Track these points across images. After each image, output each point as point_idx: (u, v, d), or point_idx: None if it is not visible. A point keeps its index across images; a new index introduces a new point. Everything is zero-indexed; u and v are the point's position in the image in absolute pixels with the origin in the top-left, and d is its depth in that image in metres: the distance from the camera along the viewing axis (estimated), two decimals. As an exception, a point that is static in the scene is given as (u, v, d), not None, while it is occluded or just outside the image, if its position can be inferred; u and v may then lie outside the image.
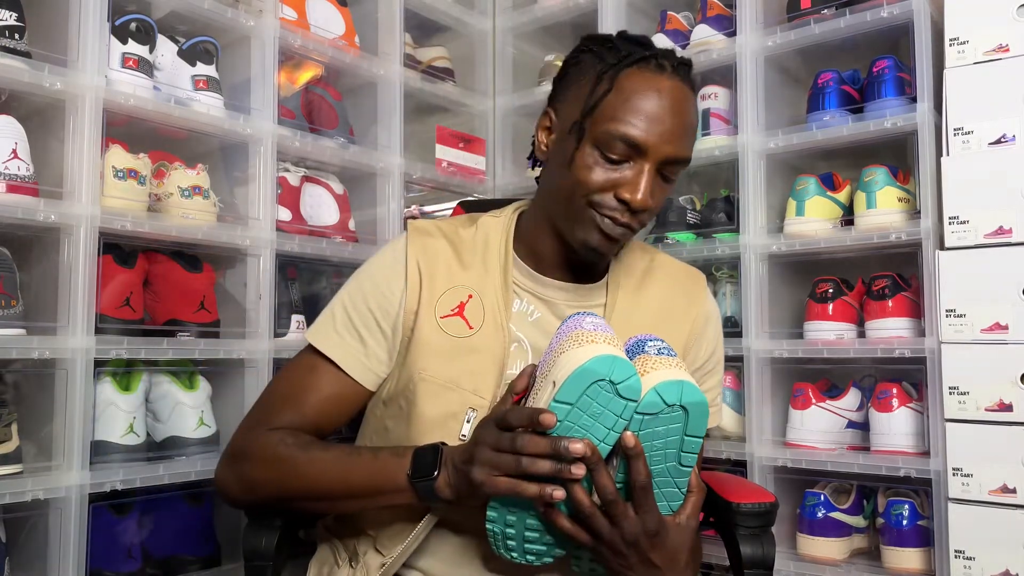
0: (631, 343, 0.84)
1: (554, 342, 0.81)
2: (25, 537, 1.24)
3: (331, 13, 1.70)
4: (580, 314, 0.84)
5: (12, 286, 1.22)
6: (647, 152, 0.92)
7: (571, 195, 0.95)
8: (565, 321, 0.84)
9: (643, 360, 0.78)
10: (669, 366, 0.77)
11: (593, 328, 0.78)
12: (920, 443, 1.44)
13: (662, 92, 0.93)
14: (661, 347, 0.81)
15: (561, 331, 0.82)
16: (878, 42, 1.59)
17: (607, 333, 0.78)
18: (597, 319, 0.82)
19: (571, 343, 0.77)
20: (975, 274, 1.36)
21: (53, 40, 1.29)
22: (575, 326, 0.80)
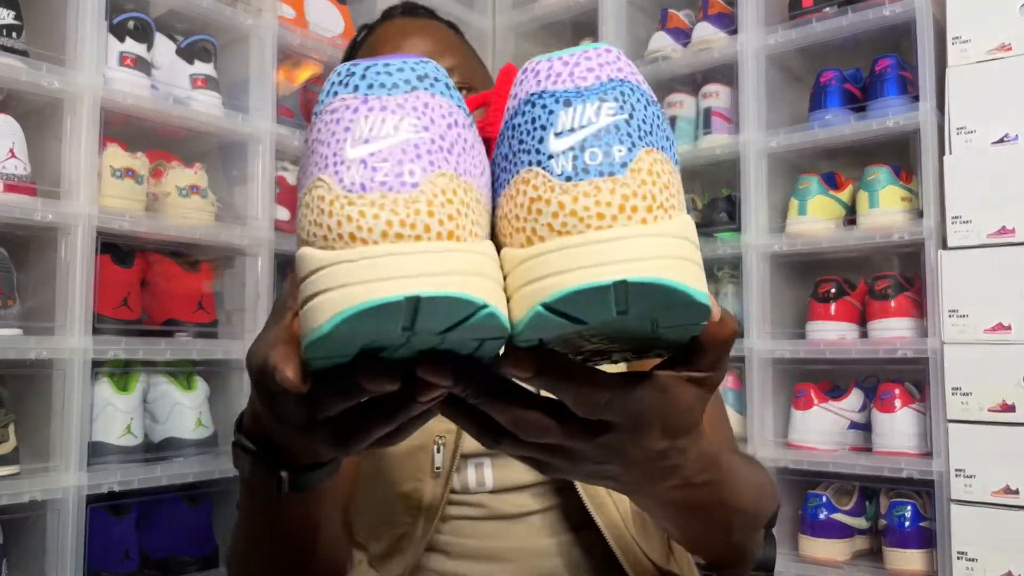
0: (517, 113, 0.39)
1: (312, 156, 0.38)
2: (23, 538, 1.24)
3: (330, 11, 1.69)
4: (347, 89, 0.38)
5: (9, 286, 1.21)
6: None
7: None
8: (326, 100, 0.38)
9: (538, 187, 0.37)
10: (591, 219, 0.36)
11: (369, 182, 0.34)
12: (923, 444, 1.43)
13: (380, 41, 0.88)
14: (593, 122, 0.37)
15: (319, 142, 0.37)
16: (880, 41, 1.58)
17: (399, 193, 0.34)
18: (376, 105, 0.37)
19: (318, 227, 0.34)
20: (978, 274, 1.35)
21: (51, 39, 1.28)
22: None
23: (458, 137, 0.36)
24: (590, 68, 0.37)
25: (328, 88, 0.36)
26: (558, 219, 0.35)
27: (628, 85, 0.37)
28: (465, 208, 0.35)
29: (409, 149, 0.34)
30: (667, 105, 1.81)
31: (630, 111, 0.37)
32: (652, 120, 0.38)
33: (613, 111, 0.36)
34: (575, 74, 0.37)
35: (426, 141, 0.34)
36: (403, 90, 0.35)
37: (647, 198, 0.36)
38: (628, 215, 0.35)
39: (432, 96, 0.36)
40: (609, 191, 0.35)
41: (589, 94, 0.37)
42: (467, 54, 0.93)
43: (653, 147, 0.37)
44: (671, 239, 0.35)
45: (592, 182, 0.35)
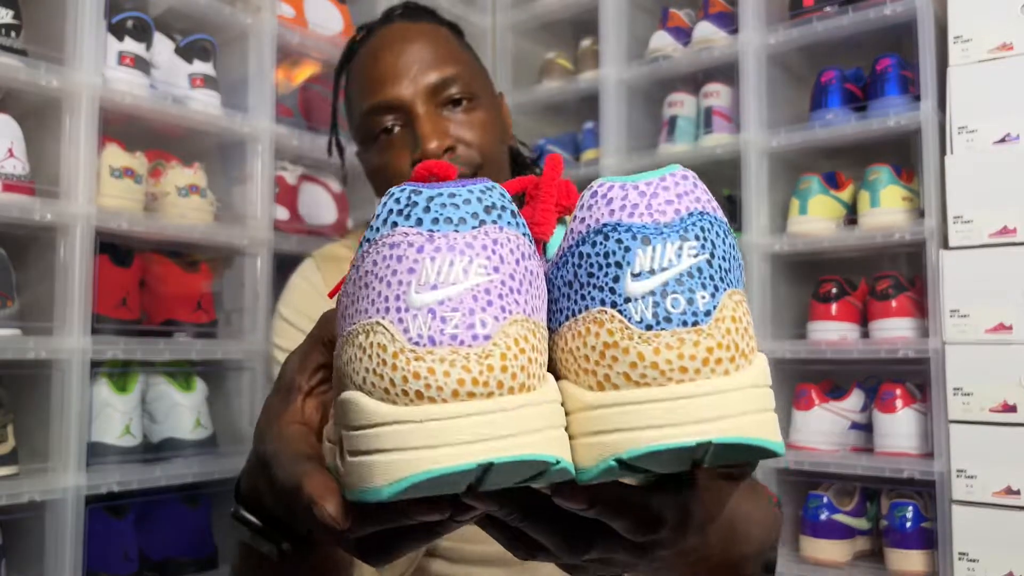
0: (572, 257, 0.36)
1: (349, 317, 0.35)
2: (21, 539, 1.23)
3: (329, 10, 1.69)
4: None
5: (8, 286, 1.21)
6: (402, 103, 0.83)
7: None
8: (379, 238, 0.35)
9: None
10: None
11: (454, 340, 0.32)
12: (924, 444, 1.43)
13: (379, 48, 0.87)
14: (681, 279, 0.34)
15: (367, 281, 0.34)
16: (881, 40, 1.58)
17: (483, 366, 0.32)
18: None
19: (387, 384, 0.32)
20: (979, 274, 1.34)
21: (49, 38, 1.27)
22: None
23: (526, 272, 0.33)
24: (668, 200, 0.35)
25: (385, 215, 0.33)
26: (636, 369, 0.33)
27: (707, 218, 0.35)
28: (535, 353, 0.33)
29: (480, 296, 0.31)
30: (668, 105, 1.81)
31: (711, 249, 0.34)
32: (730, 254, 0.36)
33: (695, 251, 0.34)
34: (653, 207, 0.34)
35: (497, 284, 0.32)
36: (471, 225, 0.32)
37: (731, 348, 0.34)
38: (712, 368, 0.33)
39: (500, 230, 0.33)
40: (693, 343, 0.33)
41: (669, 232, 0.34)
42: (469, 61, 0.91)
43: (733, 286, 0.35)
44: (753, 391, 0.34)
45: (675, 333, 0.33)
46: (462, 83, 0.86)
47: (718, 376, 0.33)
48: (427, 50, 0.86)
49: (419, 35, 0.88)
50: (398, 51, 0.85)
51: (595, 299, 0.34)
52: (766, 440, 0.33)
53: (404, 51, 0.85)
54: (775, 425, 0.35)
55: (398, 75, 0.84)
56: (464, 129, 0.85)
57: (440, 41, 0.89)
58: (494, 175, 0.89)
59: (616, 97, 1.80)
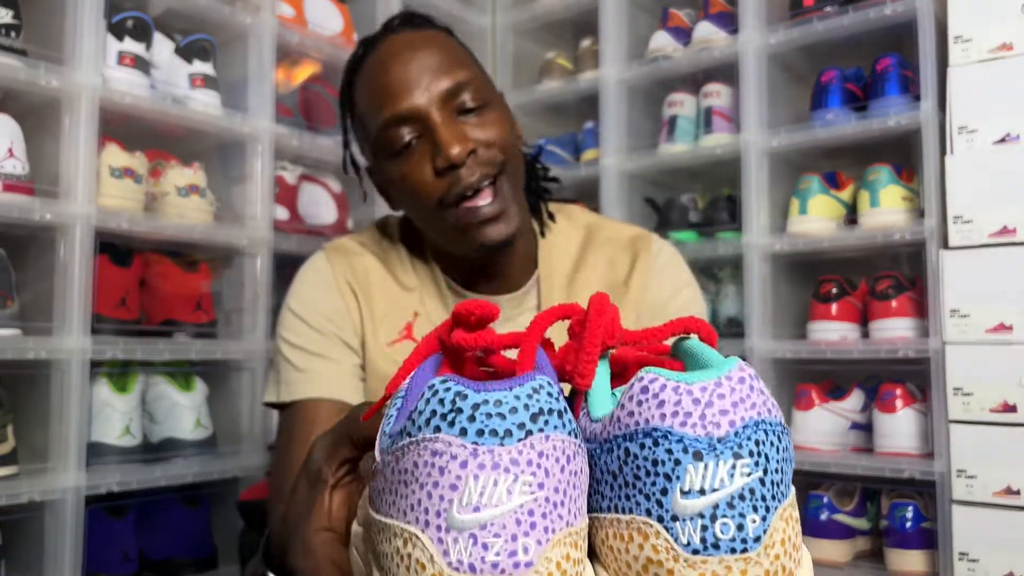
0: None
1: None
2: (21, 539, 1.23)
3: (329, 10, 1.69)
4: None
5: (7, 286, 1.21)
6: (417, 113, 0.83)
7: (428, 213, 0.85)
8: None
9: None
10: None
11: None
12: (924, 445, 1.43)
13: (387, 60, 0.86)
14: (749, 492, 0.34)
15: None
16: (881, 40, 1.57)
17: None
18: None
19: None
20: (979, 274, 1.34)
21: (49, 38, 1.27)
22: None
23: (571, 475, 0.32)
24: (723, 410, 0.32)
25: (428, 415, 0.31)
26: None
27: (763, 427, 0.33)
28: (577, 566, 0.32)
29: (524, 519, 0.30)
30: (668, 104, 1.81)
31: (764, 465, 0.32)
32: (783, 460, 0.34)
33: (748, 470, 0.32)
34: (707, 417, 0.32)
35: (541, 502, 0.30)
36: (517, 437, 0.30)
37: (779, 572, 0.32)
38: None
39: (546, 439, 0.31)
40: (740, 571, 0.31)
41: (723, 448, 0.32)
42: (475, 66, 0.91)
43: (784, 500, 0.33)
44: None
45: (722, 560, 0.31)
46: (473, 87, 0.86)
47: None
48: (435, 57, 0.86)
49: (424, 43, 0.87)
50: (406, 61, 0.85)
51: (641, 507, 0.32)
52: None
53: (412, 60, 0.85)
54: None
55: (410, 85, 0.84)
56: (481, 131, 0.85)
57: (445, 47, 0.89)
58: (515, 176, 0.88)
59: (616, 97, 1.80)
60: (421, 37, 0.89)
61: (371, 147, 0.90)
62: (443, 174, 0.83)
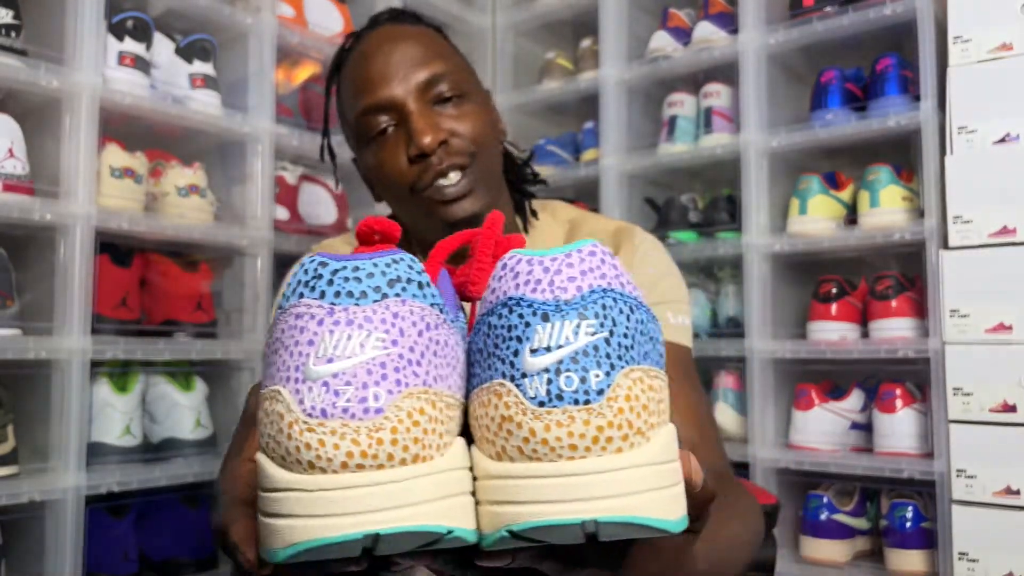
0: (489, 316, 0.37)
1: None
2: (21, 539, 1.24)
3: (329, 10, 1.69)
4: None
5: (8, 286, 1.21)
6: (393, 102, 0.85)
7: (401, 199, 0.88)
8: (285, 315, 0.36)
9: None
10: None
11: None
12: (924, 444, 1.43)
13: (368, 51, 0.88)
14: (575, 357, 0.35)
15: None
16: (881, 40, 1.58)
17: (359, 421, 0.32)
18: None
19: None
20: (979, 274, 1.34)
21: (49, 38, 1.28)
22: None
23: (430, 342, 0.34)
24: (571, 277, 0.35)
25: (294, 284, 0.34)
26: (528, 445, 0.33)
27: (611, 295, 0.35)
28: (433, 423, 0.33)
29: (375, 369, 0.32)
30: (668, 105, 1.81)
31: (611, 327, 0.34)
32: (635, 331, 0.35)
33: (593, 329, 0.34)
34: (555, 283, 0.34)
35: (394, 358, 0.32)
36: (372, 299, 0.33)
37: (623, 427, 0.33)
38: (602, 446, 0.33)
39: (403, 303, 0.33)
40: (583, 422, 0.33)
41: (569, 309, 0.34)
42: (456, 60, 0.93)
43: (633, 364, 0.35)
44: (646, 469, 0.34)
45: (566, 411, 0.33)
46: (451, 79, 0.88)
47: (609, 454, 0.33)
48: (415, 49, 0.87)
49: (406, 36, 0.89)
50: (387, 52, 0.87)
51: (497, 370, 0.34)
52: (657, 519, 0.33)
53: (392, 52, 0.87)
54: (672, 502, 0.34)
55: (388, 75, 0.86)
56: (456, 123, 0.87)
57: (426, 40, 0.90)
58: (488, 168, 0.90)
59: (616, 97, 1.80)
60: (404, 31, 0.91)
61: (352, 135, 0.93)
62: (415, 161, 0.85)
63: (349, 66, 0.92)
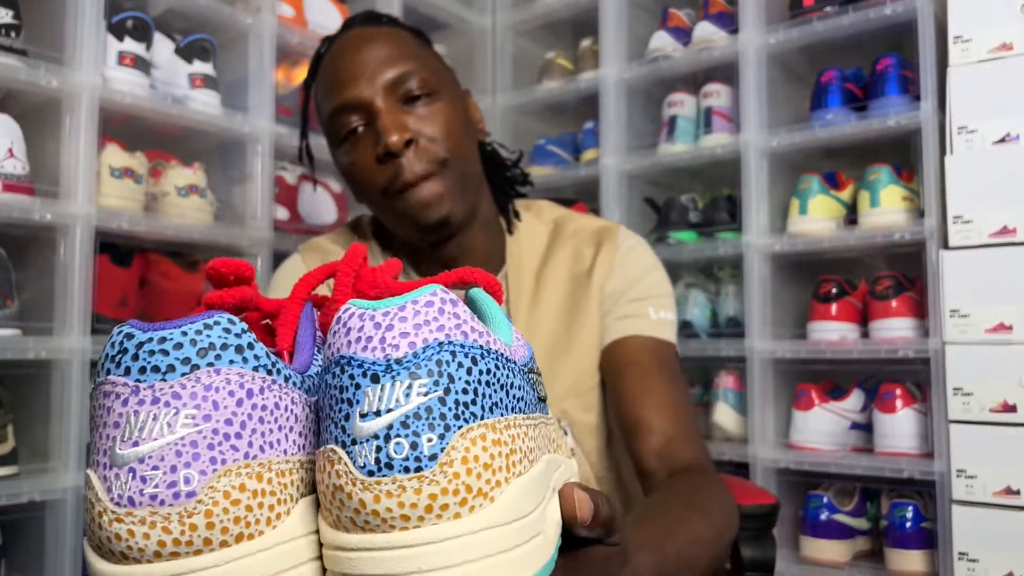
0: None
1: None
2: (22, 539, 1.24)
3: (329, 10, 1.69)
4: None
5: (8, 286, 1.21)
6: (361, 102, 0.86)
7: (374, 201, 0.89)
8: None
9: None
10: None
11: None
12: (924, 444, 1.43)
13: (339, 53, 0.89)
14: None
15: None
16: (881, 40, 1.58)
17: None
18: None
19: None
20: (979, 274, 1.34)
21: (49, 38, 1.27)
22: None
23: (253, 408, 0.32)
24: (404, 332, 0.32)
25: (103, 359, 0.31)
26: (360, 516, 0.31)
27: (449, 348, 0.32)
28: (259, 496, 0.31)
29: (184, 450, 0.30)
30: (668, 104, 1.81)
31: (447, 384, 0.32)
32: (478, 382, 0.33)
33: (426, 389, 0.32)
34: (386, 340, 0.32)
35: (207, 435, 0.30)
36: (180, 372, 0.30)
37: (459, 492, 0.31)
38: (437, 514, 0.31)
39: (216, 372, 0.31)
40: (414, 491, 0.31)
41: (400, 368, 0.32)
42: (427, 59, 0.92)
43: (475, 420, 0.32)
44: (490, 532, 0.32)
45: (395, 479, 0.31)
46: (419, 78, 0.88)
47: (445, 522, 0.31)
48: (383, 49, 0.88)
49: (376, 37, 0.89)
50: (356, 52, 0.88)
51: (331, 434, 0.32)
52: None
53: (361, 52, 0.87)
54: (524, 559, 0.33)
55: (357, 75, 0.86)
56: (425, 124, 0.86)
57: (397, 41, 0.90)
58: (462, 169, 0.89)
59: (616, 97, 1.80)
60: (375, 32, 0.91)
61: (327, 136, 0.93)
62: (384, 161, 0.85)
63: (322, 68, 0.93)
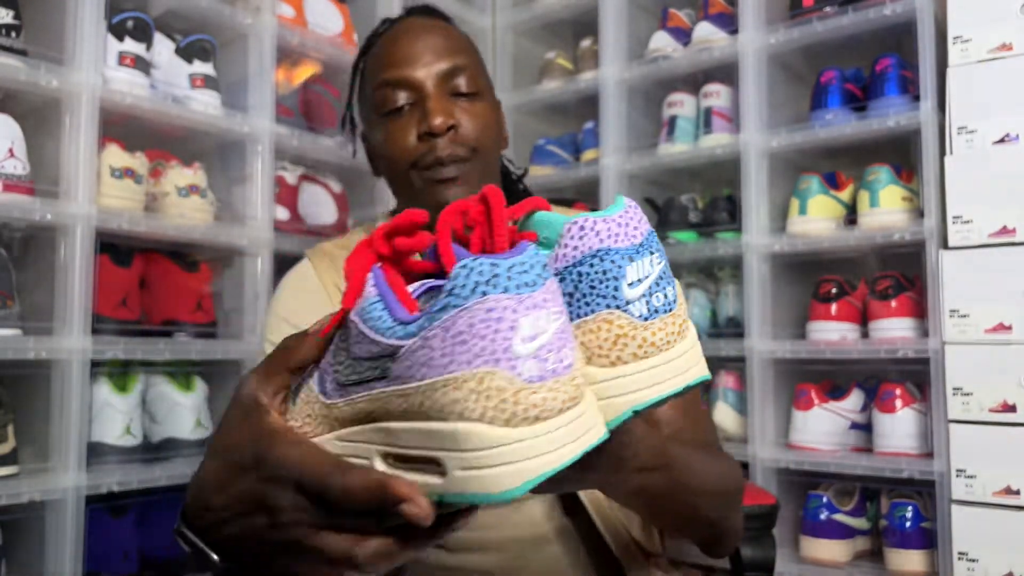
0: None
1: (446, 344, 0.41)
2: (21, 539, 1.24)
3: (329, 10, 1.69)
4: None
5: (8, 286, 1.21)
6: (414, 82, 0.90)
7: (399, 173, 0.92)
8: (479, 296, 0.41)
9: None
10: None
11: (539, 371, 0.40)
12: (923, 444, 1.43)
13: (399, 34, 0.94)
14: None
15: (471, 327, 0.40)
16: (881, 40, 1.58)
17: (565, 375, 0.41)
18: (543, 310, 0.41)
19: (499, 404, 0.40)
20: (979, 274, 1.35)
21: (50, 38, 1.28)
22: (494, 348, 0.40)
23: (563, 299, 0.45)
24: (635, 227, 0.47)
25: (470, 284, 0.40)
26: (642, 348, 0.46)
27: (653, 234, 0.48)
28: (580, 361, 0.44)
29: (560, 336, 0.41)
30: (667, 105, 1.81)
31: (663, 257, 0.48)
32: (665, 254, 0.49)
33: (659, 259, 0.47)
34: (628, 234, 0.46)
35: (564, 323, 0.41)
36: (540, 284, 0.41)
37: (685, 320, 0.48)
38: (682, 335, 0.47)
39: (552, 280, 0.42)
40: (672, 323, 0.47)
41: (643, 250, 0.47)
42: (477, 61, 0.98)
43: (674, 278, 0.48)
44: (697, 342, 0.49)
45: (661, 319, 0.47)
46: (470, 76, 0.93)
47: (682, 340, 0.47)
48: (442, 41, 0.93)
49: (435, 28, 0.95)
50: (415, 37, 0.93)
51: (600, 304, 0.46)
52: (707, 375, 0.49)
53: (421, 38, 0.93)
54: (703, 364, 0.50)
55: (413, 57, 0.91)
56: (466, 116, 0.91)
57: (454, 36, 0.96)
58: (485, 167, 0.93)
59: (616, 97, 1.81)
60: (435, 24, 0.97)
61: (368, 107, 0.96)
62: (423, 139, 0.89)
63: (378, 45, 0.97)
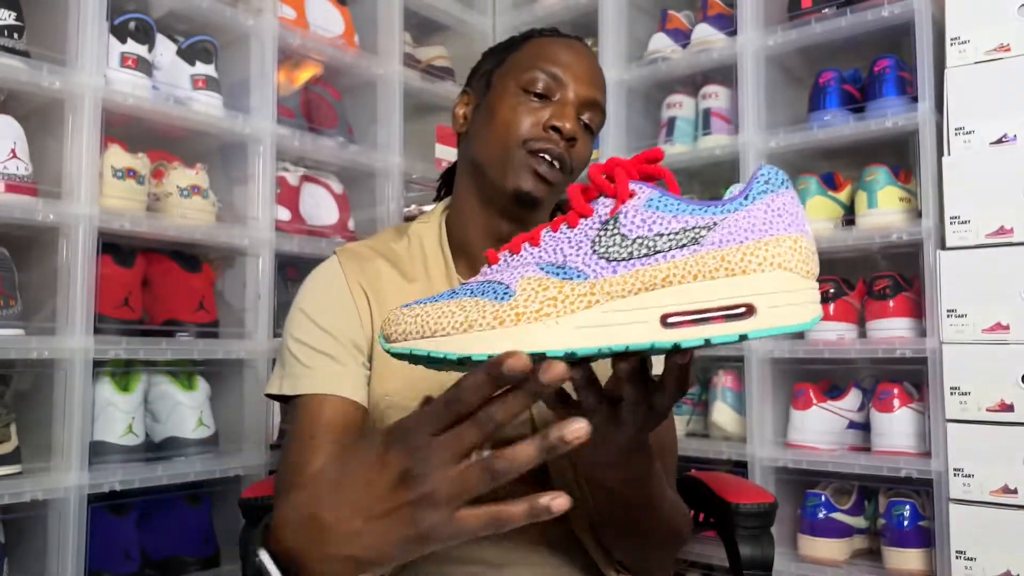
0: None
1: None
2: (24, 538, 1.24)
3: (330, 12, 1.70)
4: None
5: (11, 286, 1.22)
6: (568, 85, 0.94)
7: (504, 143, 0.93)
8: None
9: None
10: None
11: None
12: (921, 444, 1.43)
13: (571, 46, 0.98)
14: None
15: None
16: (879, 41, 1.58)
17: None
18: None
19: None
20: (976, 274, 1.35)
21: (52, 39, 1.28)
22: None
23: None
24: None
25: (777, 180, 0.56)
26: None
27: None
28: None
29: (806, 223, 0.56)
30: (666, 106, 1.82)
31: None
32: None
33: None
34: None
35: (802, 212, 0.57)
36: (788, 187, 0.56)
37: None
38: None
39: None
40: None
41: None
42: (605, 111, 1.03)
43: None
44: None
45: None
46: (600, 117, 1.00)
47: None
48: (600, 80, 0.99)
49: (598, 69, 1.00)
50: (587, 59, 0.98)
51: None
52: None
53: (590, 64, 0.98)
54: None
55: (580, 72, 0.95)
56: (583, 143, 0.97)
57: (604, 86, 1.01)
58: (566, 184, 0.95)
59: (615, 98, 1.81)
60: (584, 49, 1.01)
61: (512, 75, 0.96)
62: (547, 130, 0.93)
63: (543, 41, 0.99)
